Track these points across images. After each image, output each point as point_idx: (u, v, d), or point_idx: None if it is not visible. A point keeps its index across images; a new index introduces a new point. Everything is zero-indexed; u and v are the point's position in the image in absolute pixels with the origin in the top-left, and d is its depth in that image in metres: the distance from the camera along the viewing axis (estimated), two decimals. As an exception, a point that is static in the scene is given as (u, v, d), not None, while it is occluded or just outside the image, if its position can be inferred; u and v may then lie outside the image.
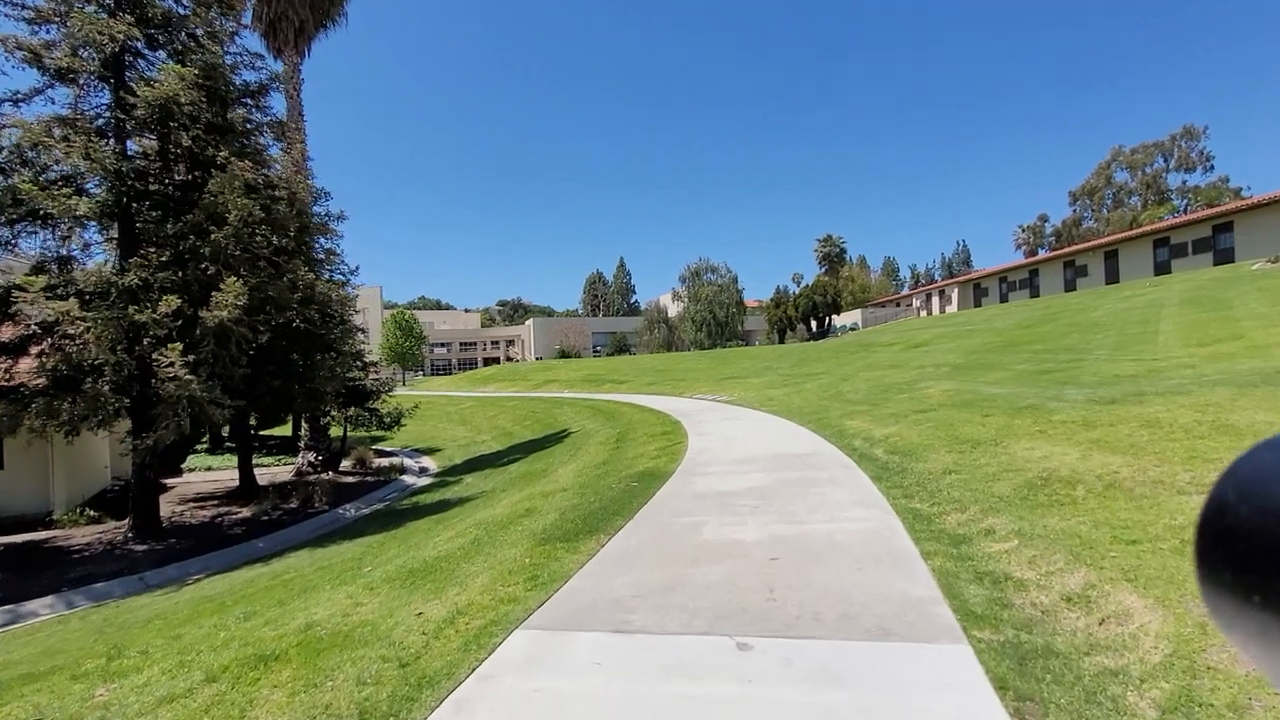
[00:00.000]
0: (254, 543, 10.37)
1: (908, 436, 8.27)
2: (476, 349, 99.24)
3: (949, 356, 18.72)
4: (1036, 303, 34.16)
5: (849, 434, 9.60)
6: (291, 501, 12.82)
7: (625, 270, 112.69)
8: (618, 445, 11.71)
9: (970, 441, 7.08)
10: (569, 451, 13.50)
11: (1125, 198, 78.39)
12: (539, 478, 10.67)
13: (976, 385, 12.46)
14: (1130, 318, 18.69)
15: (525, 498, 7.78)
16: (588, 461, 10.35)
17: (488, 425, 25.09)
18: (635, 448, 10.80)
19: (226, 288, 8.77)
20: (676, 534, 4.92)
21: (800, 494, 6.02)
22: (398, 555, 6.02)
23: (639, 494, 6.46)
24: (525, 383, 39.25)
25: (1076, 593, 3.19)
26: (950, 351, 19.90)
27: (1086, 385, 10.20)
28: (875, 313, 62.04)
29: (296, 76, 17.12)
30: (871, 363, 21.12)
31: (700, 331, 56.42)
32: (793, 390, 17.73)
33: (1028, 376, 12.53)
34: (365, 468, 17.76)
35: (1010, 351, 17.35)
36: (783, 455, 8.38)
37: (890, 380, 16.00)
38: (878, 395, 13.78)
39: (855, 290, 72.80)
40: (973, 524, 4.50)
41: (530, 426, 21.77)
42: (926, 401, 11.40)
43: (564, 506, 6.36)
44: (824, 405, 13.84)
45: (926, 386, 13.59)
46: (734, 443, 9.87)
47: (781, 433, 10.84)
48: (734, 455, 8.67)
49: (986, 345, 19.64)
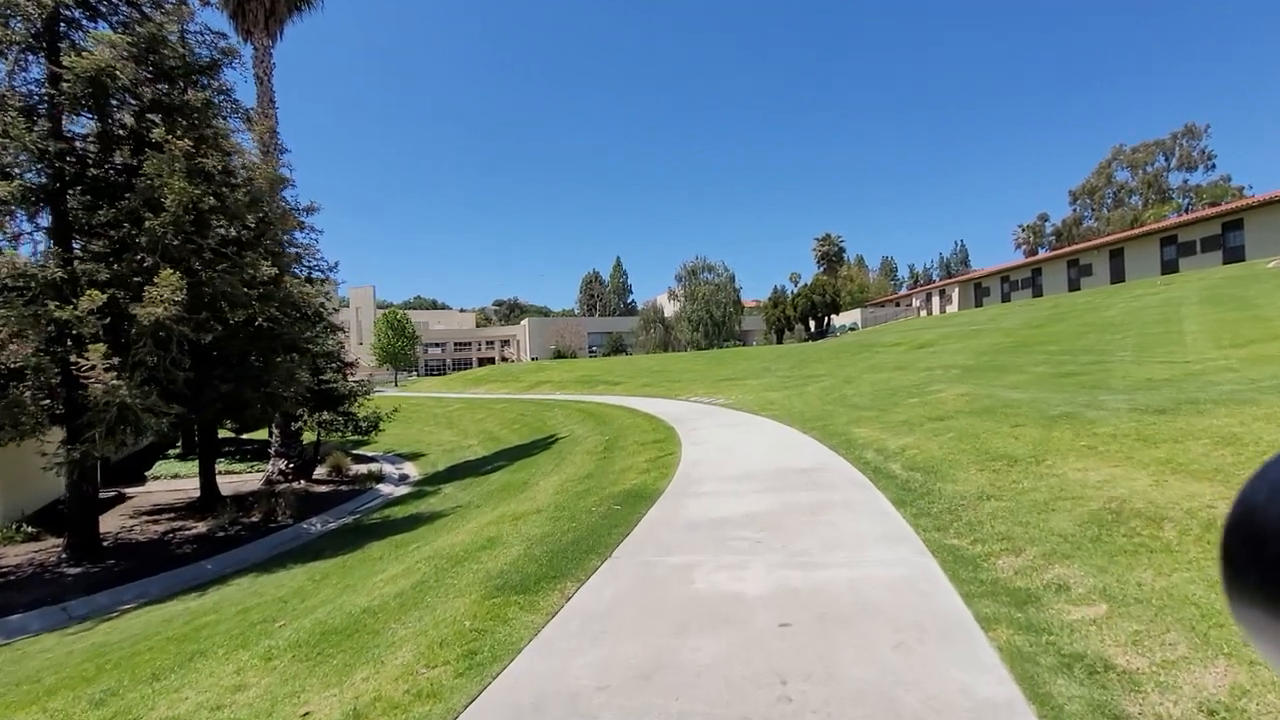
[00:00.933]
0: (202, 564, 9.38)
1: (927, 449, 7.32)
2: (471, 349, 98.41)
3: (957, 358, 17.80)
4: (1043, 302, 33.26)
5: (858, 444, 8.66)
6: (253, 514, 11.83)
7: (622, 270, 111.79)
8: (605, 454, 10.75)
9: (1004, 458, 6.13)
10: (554, 460, 12.53)
11: (1126, 197, 77.76)
12: (517, 491, 9.71)
13: (994, 389, 11.53)
14: (1147, 317, 17.79)
15: (495, 520, 6.81)
16: (571, 474, 9.38)
17: (475, 429, 24.10)
18: (624, 458, 9.84)
19: (162, 281, 7.78)
20: (661, 581, 3.96)
21: (810, 523, 5.06)
22: (328, 600, 5.07)
23: (621, 521, 5.49)
24: (517, 384, 38.27)
25: (1222, 702, 2.23)
26: (958, 352, 18.98)
27: (1120, 390, 9.28)
28: (875, 312, 61.20)
29: (267, 60, 16.13)
30: (875, 364, 20.19)
31: (697, 331, 55.47)
32: (793, 393, 16.78)
33: (1049, 380, 11.61)
34: (341, 475, 16.77)
35: (1023, 352, 16.43)
36: (786, 470, 7.42)
37: (897, 383, 15.07)
38: (885, 399, 12.84)
39: (853, 290, 71.99)
40: (1034, 573, 3.54)
41: (518, 431, 20.79)
42: (941, 407, 10.46)
43: (532, 536, 5.39)
44: (828, 410, 12.90)
45: (938, 390, 12.65)
46: (731, 454, 8.91)
47: (783, 442, 9.88)
48: (731, 469, 7.71)
49: (996, 346, 18.71)
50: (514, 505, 7.82)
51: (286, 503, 11.92)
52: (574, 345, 69.55)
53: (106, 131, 9.61)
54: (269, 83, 16.07)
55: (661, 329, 63.42)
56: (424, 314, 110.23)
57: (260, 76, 16.08)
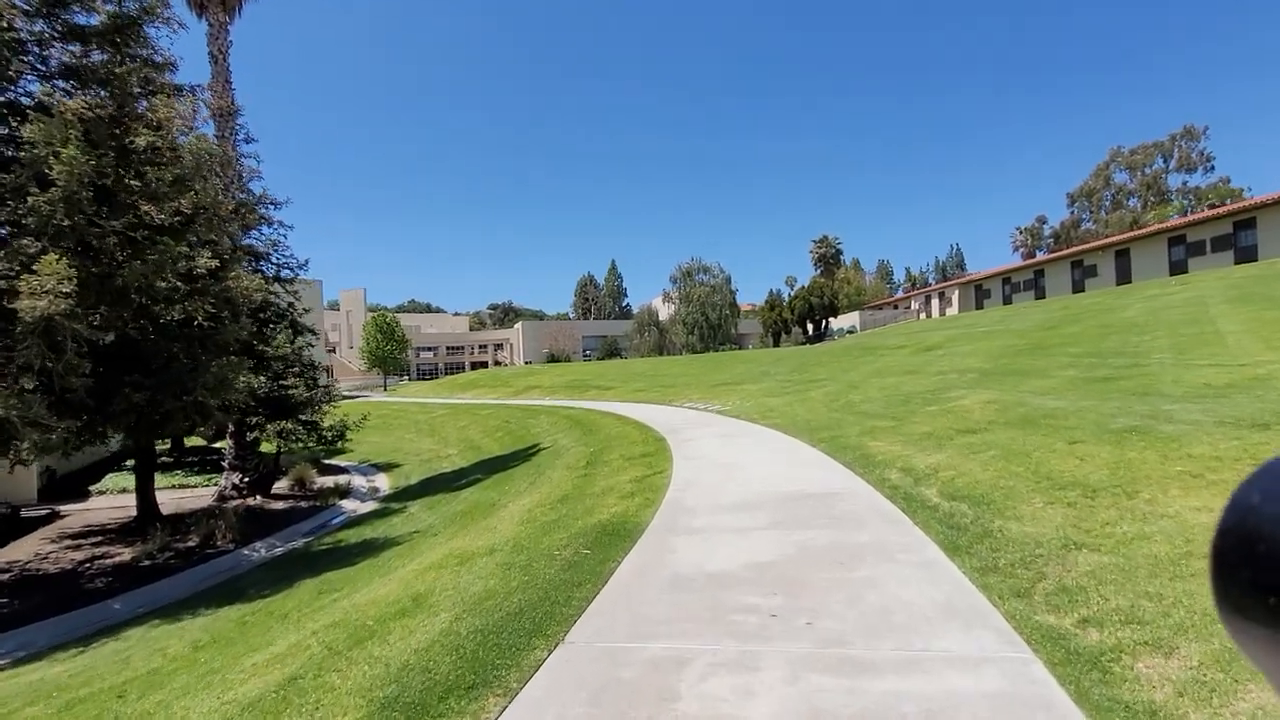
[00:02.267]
0: (110, 603, 8.02)
1: (967, 471, 6.04)
2: (464, 353, 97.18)
3: (970, 360, 16.56)
4: (1050, 303, 32.12)
5: (878, 461, 7.38)
6: (190, 538, 10.47)
7: (617, 273, 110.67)
8: (587, 471, 9.44)
9: (1077, 485, 4.85)
10: (531, 475, 11.22)
11: (1124, 199, 77.12)
12: (482, 515, 8.40)
13: (1023, 395, 10.27)
14: (1171, 317, 16.59)
15: (437, 562, 5.49)
16: (545, 495, 8.07)
17: (456, 437, 22.74)
18: (606, 476, 8.54)
19: (43, 268, 6.45)
20: (629, 697, 2.64)
21: (841, 581, 3.77)
22: (169, 701, 3.75)
23: (587, 574, 4.18)
24: (506, 389, 36.90)
25: None
26: (970, 355, 17.74)
27: (1179, 398, 8.02)
28: (873, 315, 60.12)
29: (223, 38, 14.82)
30: (881, 368, 18.93)
31: (692, 335, 54.22)
32: (795, 399, 15.51)
33: (1084, 385, 10.36)
34: (305, 489, 15.40)
35: (1043, 355, 15.20)
36: (797, 496, 6.12)
37: (909, 388, 13.81)
38: (899, 407, 11.58)
39: (851, 293, 70.89)
40: (1218, 702, 2.24)
41: (500, 440, 19.45)
42: (968, 417, 9.20)
43: (470, 596, 4.08)
44: (836, 419, 11.63)
45: (958, 397, 11.40)
46: (730, 474, 7.60)
47: (790, 457, 8.58)
48: (730, 494, 6.40)
49: (1010, 348, 17.48)
50: (469, 539, 6.49)
51: (228, 525, 10.55)
52: (568, 349, 68.26)
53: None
54: (224, 62, 14.76)
55: (656, 332, 62.16)
56: (417, 317, 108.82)
57: (215, 55, 14.78)
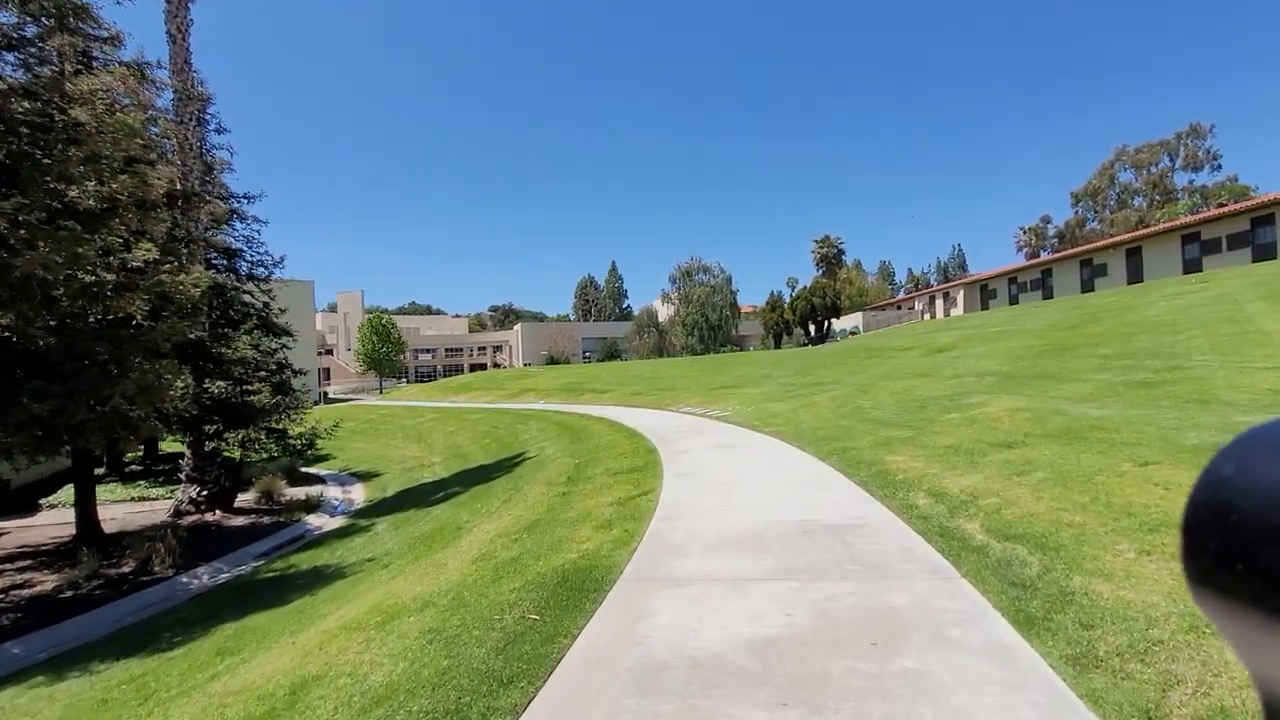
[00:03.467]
0: (9, 647, 6.91)
1: (1015, 499, 4.93)
2: (463, 355, 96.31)
3: (987, 363, 15.45)
4: (1061, 303, 30.99)
5: (899, 481, 6.28)
6: (125, 563, 9.38)
7: (617, 274, 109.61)
8: (566, 489, 8.33)
9: (1174, 526, 3.73)
10: (508, 491, 10.13)
11: (1130, 198, 76.06)
12: (441, 544, 7.31)
13: (1056, 402, 9.17)
14: (1202, 316, 15.48)
15: (357, 619, 4.39)
16: (510, 523, 6.96)
17: (443, 444, 21.64)
18: (585, 497, 7.43)
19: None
20: None
21: (874, 681, 2.66)
22: None
23: (524, 667, 3.06)
24: (500, 391, 35.79)
25: None
26: (985, 357, 16.63)
27: (1245, 406, 6.92)
28: (876, 316, 59.01)
29: (182, 15, 13.74)
30: (890, 370, 17.82)
31: (692, 336, 53.09)
32: (800, 404, 14.40)
33: (1126, 390, 9.25)
34: (272, 503, 14.29)
35: (1068, 356, 14.09)
36: (808, 528, 5.01)
37: (924, 393, 12.70)
38: (915, 414, 10.48)
39: (853, 294, 69.75)
40: None
41: (486, 448, 18.35)
42: (997, 427, 8.09)
43: (362, 696, 2.98)
44: (845, 428, 10.52)
45: (980, 403, 10.31)
46: (727, 496, 6.49)
47: (796, 474, 7.47)
48: (726, 526, 5.29)
49: (1029, 349, 16.37)
50: (411, 579, 5.39)
51: (169, 548, 9.44)
52: (567, 351, 67.21)
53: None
54: (184, 42, 13.69)
55: (655, 334, 61.08)
56: (416, 319, 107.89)
57: (173, 34, 13.71)
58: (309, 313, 54.30)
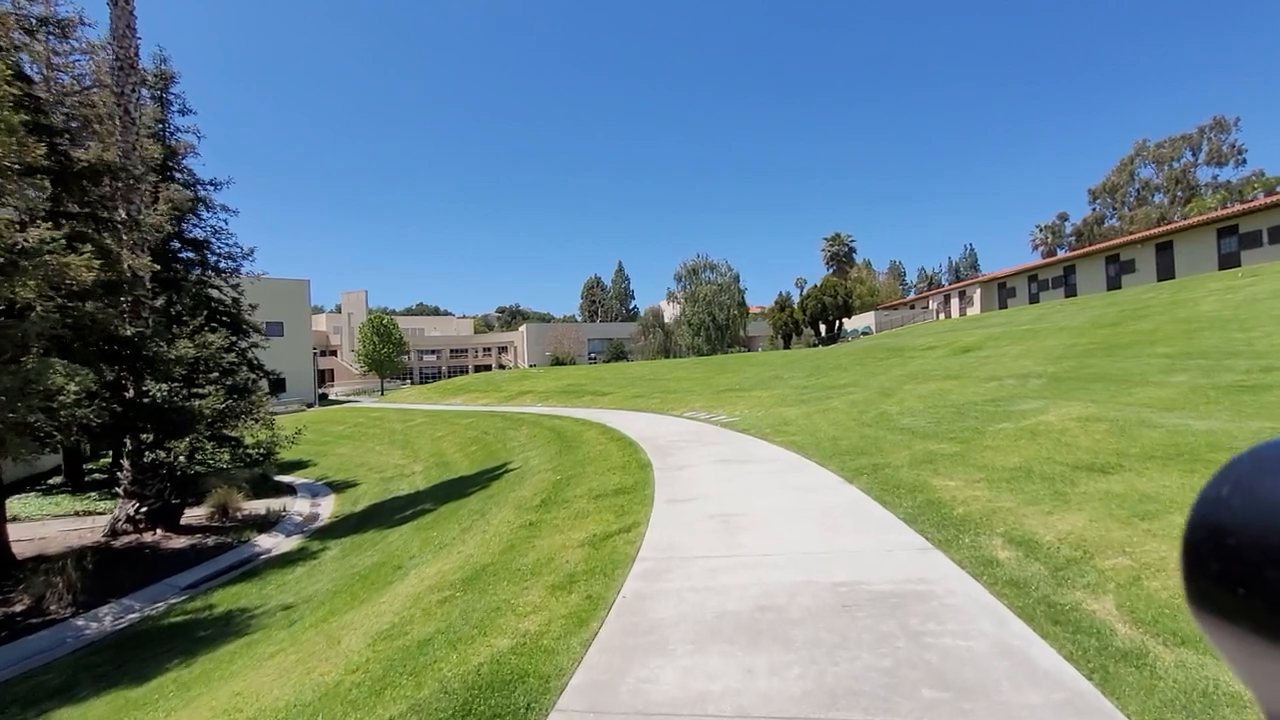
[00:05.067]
0: None
1: (1156, 561, 3.36)
2: (468, 356, 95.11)
3: (1026, 363, 13.80)
4: (1089, 300, 29.15)
5: (962, 519, 4.71)
6: (20, 599, 7.90)
7: (624, 275, 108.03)
8: (538, 515, 6.80)
9: None
10: (473, 514, 8.62)
11: (1150, 194, 73.78)
12: (365, 593, 5.81)
13: (1134, 410, 7.53)
14: (1271, 310, 13.77)
15: None
16: (453, 567, 5.43)
17: (428, 450, 20.16)
18: (554, 530, 5.90)
19: None
20: None
21: None
22: None
23: None
24: (498, 394, 34.31)
25: None
26: (1023, 356, 14.97)
27: None
28: (889, 315, 57.22)
29: (126, -20, 12.35)
30: (914, 372, 16.17)
31: (698, 336, 51.40)
32: (815, 409, 12.80)
33: (1220, 395, 7.60)
34: (226, 518, 12.83)
35: (1120, 356, 12.43)
36: (850, 599, 3.45)
37: (958, 397, 11.08)
38: (956, 423, 8.87)
39: (864, 293, 67.84)
40: None
41: (472, 456, 16.85)
42: (1072, 443, 6.48)
43: None
44: (871, 438, 8.94)
45: (1034, 410, 8.69)
46: (733, 536, 4.92)
47: (821, 503, 5.88)
48: (731, 592, 3.74)
49: (1071, 348, 14.70)
50: (279, 670, 3.88)
51: (68, 583, 7.98)
52: (573, 351, 65.77)
53: None
54: (127, 5, 12.26)
55: (661, 334, 59.52)
56: (421, 320, 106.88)
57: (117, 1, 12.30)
58: (304, 312, 53.00)
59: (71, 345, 8.80)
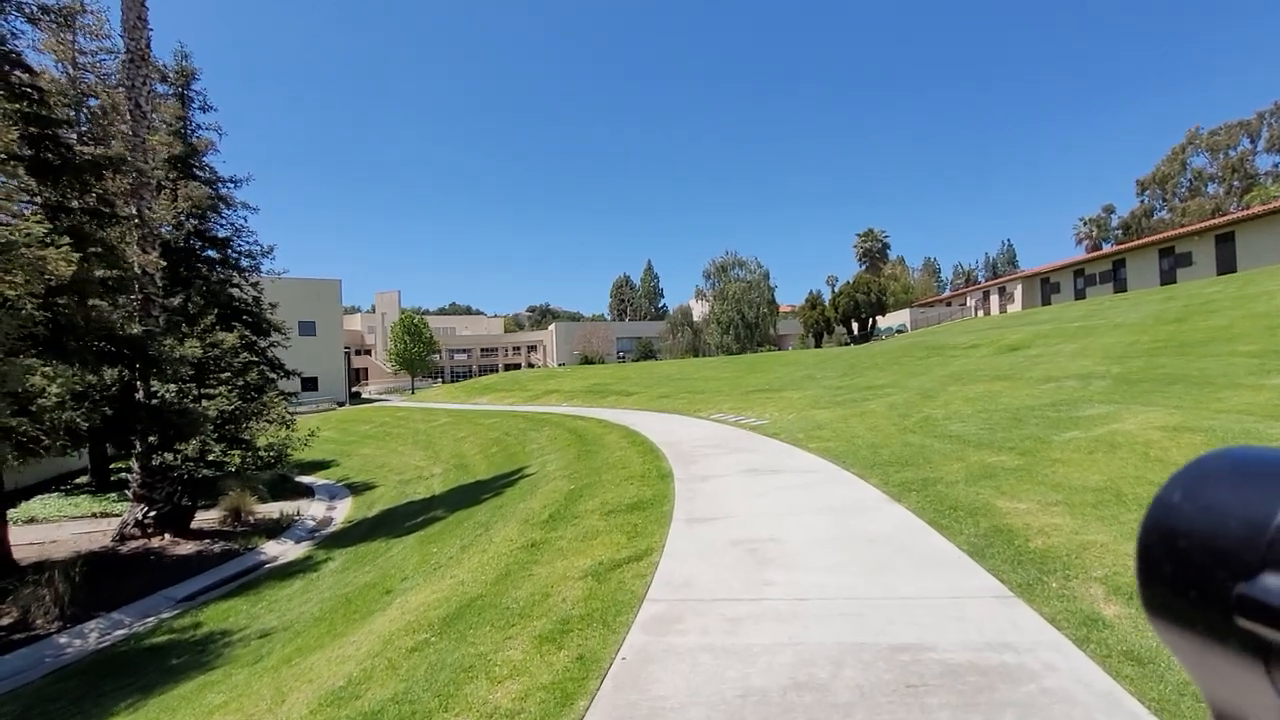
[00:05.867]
0: None
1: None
2: (498, 355, 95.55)
3: (1085, 363, 12.65)
4: (1142, 295, 27.37)
5: (1041, 554, 3.87)
6: (9, 611, 7.52)
7: (653, 274, 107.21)
8: (540, 536, 6.11)
9: None
10: (480, 526, 7.98)
11: (1203, 185, 70.06)
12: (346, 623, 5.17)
13: (1234, 419, 6.50)
14: (1364, 304, 12.38)
15: None
16: (440, 598, 4.76)
17: (449, 452, 19.71)
18: (557, 555, 5.20)
19: None
20: None
21: None
22: None
23: None
24: (523, 393, 33.91)
25: None
26: (1079, 355, 13.79)
27: None
28: (924, 313, 55.30)
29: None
30: (957, 372, 15.09)
31: (727, 334, 50.31)
32: (851, 412, 11.89)
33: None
34: (239, 523, 12.47)
35: (1194, 355, 11.24)
36: (914, 674, 2.66)
37: (1012, 400, 10.07)
38: (1014, 431, 7.92)
39: (898, 290, 65.83)
40: None
41: (491, 458, 16.30)
42: (1163, 457, 5.54)
43: None
44: (918, 446, 8.04)
45: (1104, 416, 7.69)
46: (762, 571, 4.14)
47: (866, 528, 5.05)
48: (761, 654, 2.97)
49: (1134, 347, 13.48)
50: None
51: (55, 595, 7.57)
52: (602, 350, 65.23)
53: None
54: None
55: (690, 332, 58.56)
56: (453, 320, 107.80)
57: (127, -12, 12.00)
58: (335, 312, 53.53)
59: (65, 344, 8.41)
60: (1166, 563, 0.33)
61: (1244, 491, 0.32)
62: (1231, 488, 0.32)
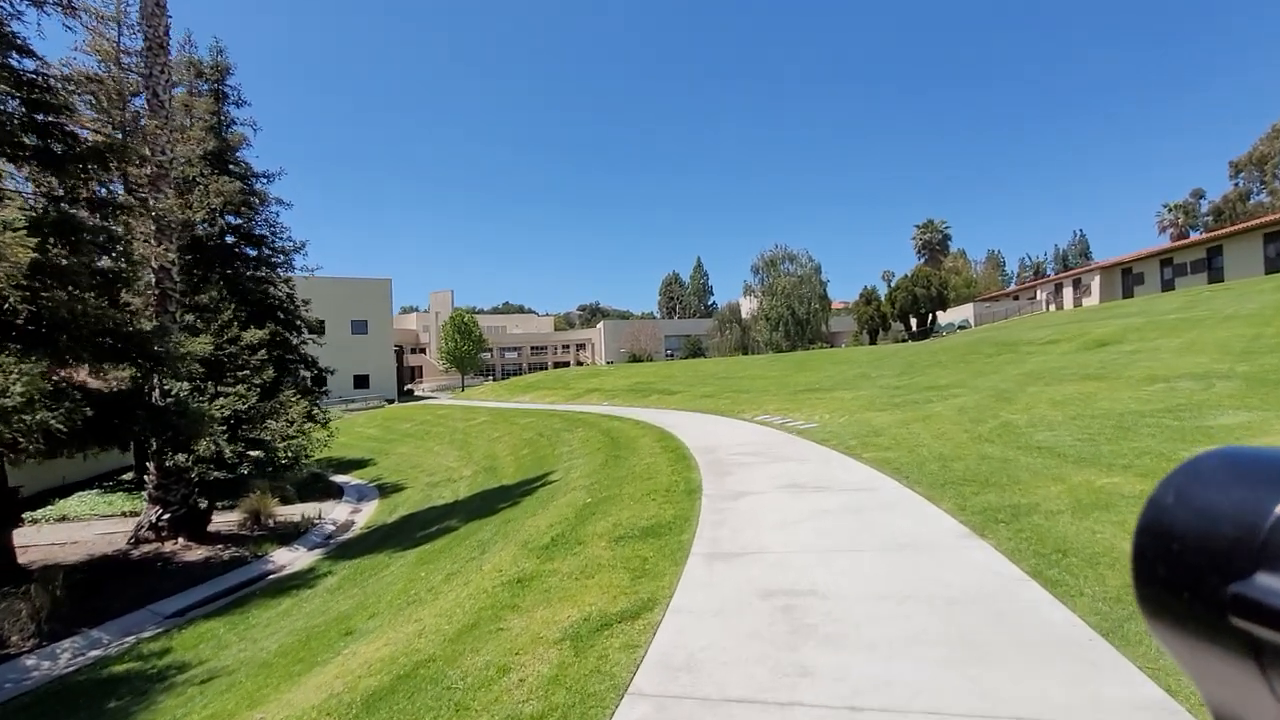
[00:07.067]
0: None
1: None
2: (547, 353, 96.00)
3: (1198, 360, 10.81)
4: (1244, 285, 24.42)
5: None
6: (-13, 626, 7.06)
7: (703, 271, 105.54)
8: (534, 568, 5.09)
9: None
10: (482, 545, 7.05)
11: (1309, 164, 63.60)
12: (284, 679, 4.28)
13: None
14: None
15: None
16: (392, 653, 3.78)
17: (483, 452, 19.06)
18: (541, 602, 4.17)
19: None
20: None
21: None
22: None
23: None
24: (566, 391, 33.23)
25: None
26: (1185, 352, 11.89)
27: None
28: (989, 308, 51.96)
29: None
30: (1035, 371, 13.35)
31: (776, 331, 48.41)
32: (912, 416, 10.47)
33: None
34: (257, 526, 12.01)
35: (1343, 350, 9.32)
36: None
37: (1112, 405, 8.48)
38: (1123, 442, 6.45)
39: (959, 284, 62.21)
40: None
41: (520, 461, 15.51)
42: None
43: None
44: (998, 459, 6.66)
45: (1245, 425, 6.16)
46: (795, 642, 3.00)
47: (944, 577, 3.80)
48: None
49: (1257, 341, 11.53)
50: None
51: (32, 610, 7.03)
52: (650, 348, 64.26)
53: None
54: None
55: (738, 329, 56.86)
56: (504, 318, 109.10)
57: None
58: (386, 310, 54.34)
59: (56, 339, 7.92)
60: (1161, 564, 0.33)
61: (1236, 492, 0.31)
62: (1224, 488, 0.32)
